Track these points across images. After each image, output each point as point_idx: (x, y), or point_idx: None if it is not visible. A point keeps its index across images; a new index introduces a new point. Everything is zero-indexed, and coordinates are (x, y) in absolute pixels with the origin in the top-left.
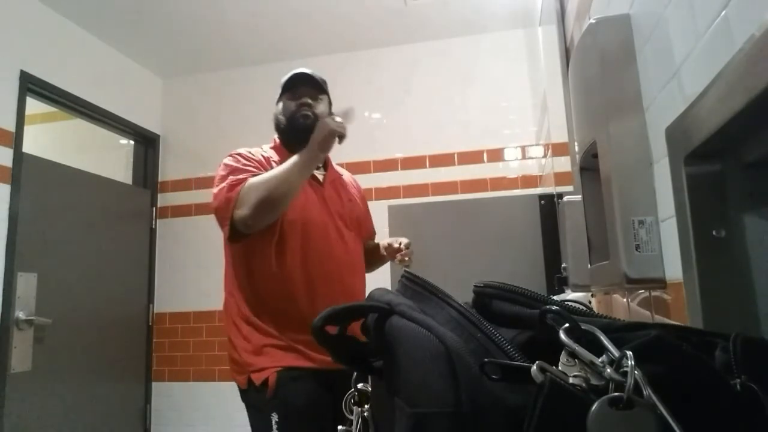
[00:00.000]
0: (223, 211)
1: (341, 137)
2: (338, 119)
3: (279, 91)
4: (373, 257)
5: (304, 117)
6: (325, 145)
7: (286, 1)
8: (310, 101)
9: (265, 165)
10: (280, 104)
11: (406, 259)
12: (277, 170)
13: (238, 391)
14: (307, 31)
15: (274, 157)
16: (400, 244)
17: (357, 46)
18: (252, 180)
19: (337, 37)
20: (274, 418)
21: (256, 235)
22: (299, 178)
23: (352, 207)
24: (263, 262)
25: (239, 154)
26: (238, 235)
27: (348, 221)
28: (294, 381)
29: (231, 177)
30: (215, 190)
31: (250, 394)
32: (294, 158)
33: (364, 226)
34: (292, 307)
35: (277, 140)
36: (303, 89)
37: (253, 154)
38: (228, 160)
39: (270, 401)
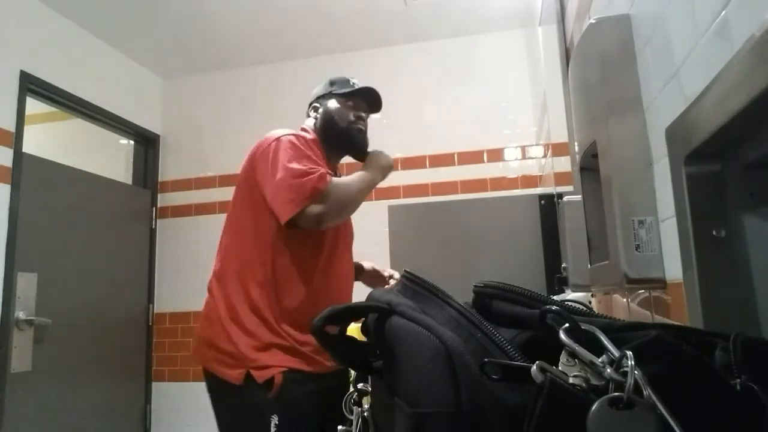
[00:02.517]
0: (301, 196)
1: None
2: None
3: (325, 85)
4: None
5: (359, 132)
6: (386, 175)
7: (286, 2)
8: (365, 117)
9: (322, 160)
10: (333, 104)
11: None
12: (358, 180)
13: (209, 377)
14: (307, 31)
15: (318, 151)
16: (391, 277)
17: (357, 46)
18: (336, 181)
19: (337, 37)
20: (274, 420)
21: (310, 234)
22: (365, 195)
23: (350, 224)
24: (308, 263)
25: (304, 139)
26: (292, 224)
27: (350, 240)
28: (299, 384)
29: (310, 165)
30: (293, 165)
31: (245, 391)
32: (368, 174)
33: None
34: (311, 312)
35: (312, 133)
36: (362, 102)
37: (311, 144)
38: (294, 140)
39: (272, 402)
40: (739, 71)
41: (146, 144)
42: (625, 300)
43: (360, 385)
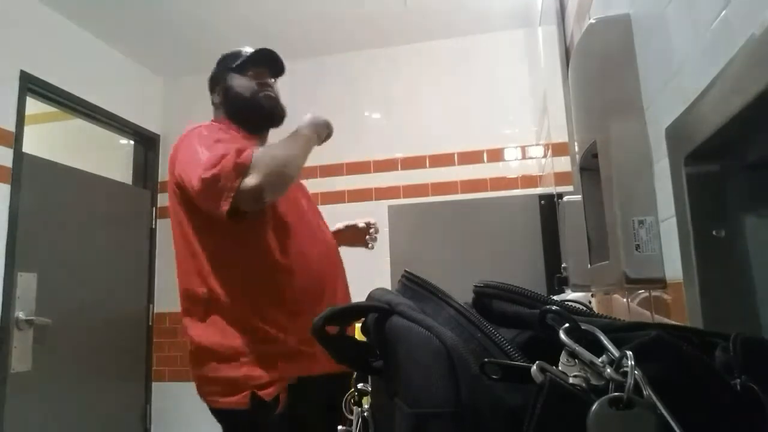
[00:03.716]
0: (227, 179)
1: (329, 135)
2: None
3: (217, 64)
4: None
5: (268, 98)
6: (322, 132)
7: (286, 2)
8: (271, 82)
9: (239, 139)
10: (232, 80)
11: (376, 236)
12: (284, 143)
13: (216, 413)
14: (306, 31)
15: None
16: (368, 224)
17: (357, 46)
18: (260, 149)
19: (337, 37)
20: None
21: (248, 221)
22: (304, 155)
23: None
24: (264, 252)
25: (213, 126)
26: (234, 213)
27: (320, 214)
28: (305, 393)
29: (223, 146)
30: (198, 157)
31: (253, 414)
32: (298, 134)
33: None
34: (305, 300)
35: (223, 120)
36: (261, 69)
37: (224, 130)
38: (202, 131)
39: (279, 418)
40: (739, 71)
41: (146, 144)
42: (625, 300)
43: (360, 385)
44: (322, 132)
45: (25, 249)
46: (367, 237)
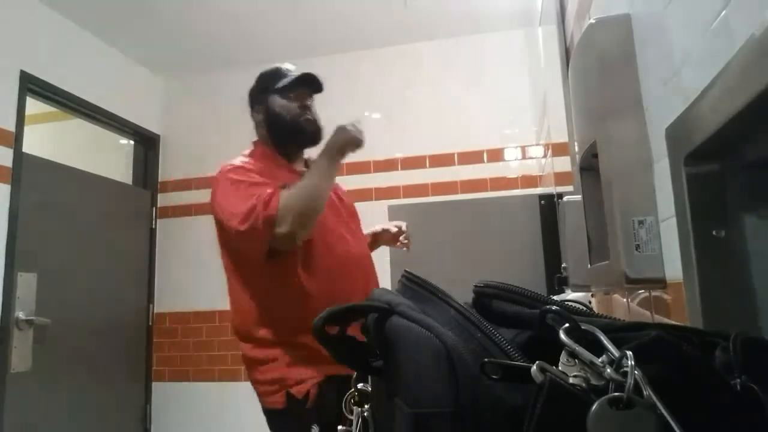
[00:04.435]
0: (261, 232)
1: (359, 145)
2: (358, 125)
3: (258, 82)
4: (370, 245)
5: (308, 123)
6: (345, 152)
7: (286, 3)
8: (310, 104)
9: (268, 175)
10: (274, 102)
11: (407, 241)
12: (308, 181)
13: (264, 412)
14: (306, 31)
15: (261, 162)
16: (400, 228)
17: (357, 46)
18: (284, 193)
19: (337, 37)
20: (315, 430)
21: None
22: (328, 184)
23: (348, 201)
24: (292, 280)
25: (239, 168)
26: (272, 252)
27: (352, 218)
28: (332, 390)
29: (251, 195)
30: (232, 208)
31: (289, 411)
32: (317, 167)
33: (354, 208)
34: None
35: (258, 145)
36: (302, 90)
37: (249, 167)
38: (231, 176)
39: (309, 412)
40: (739, 71)
41: (146, 144)
42: (625, 300)
43: (360, 385)
44: (348, 150)
45: (25, 249)
46: (398, 244)
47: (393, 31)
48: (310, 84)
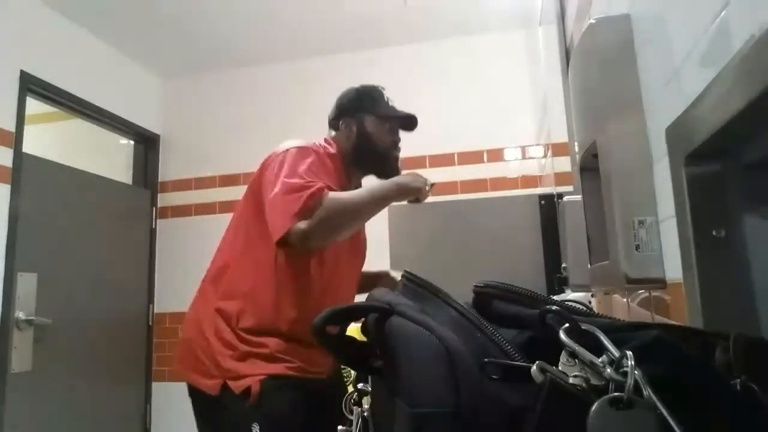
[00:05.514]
0: (291, 212)
1: (418, 201)
2: (429, 184)
3: (358, 97)
4: (367, 283)
5: (395, 159)
6: (404, 197)
7: (286, 2)
8: (399, 141)
9: (332, 176)
10: (371, 125)
11: None
12: (359, 196)
13: (190, 390)
14: (306, 31)
15: (331, 166)
16: None
17: (357, 46)
18: (333, 195)
19: (337, 37)
20: (255, 428)
21: (292, 254)
22: (375, 211)
23: (364, 237)
24: (306, 282)
25: (314, 152)
26: (283, 243)
27: (362, 244)
28: (279, 391)
29: (307, 177)
30: (291, 179)
31: (223, 401)
32: (378, 190)
33: (366, 246)
34: (299, 326)
35: (334, 146)
36: (397, 124)
37: (322, 159)
38: (301, 153)
39: (251, 411)
40: (739, 71)
41: (146, 144)
42: (625, 300)
43: (360, 385)
44: (410, 195)
45: (25, 249)
46: None
47: (393, 31)
48: (408, 123)
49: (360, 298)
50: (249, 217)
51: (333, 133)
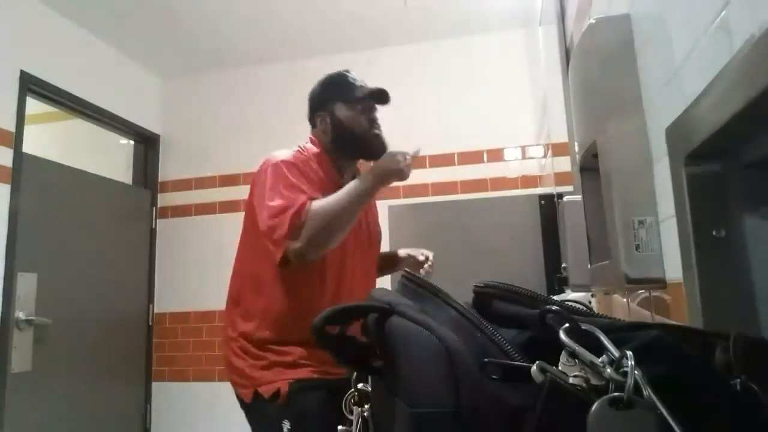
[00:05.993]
0: (281, 236)
1: (403, 179)
2: (409, 158)
3: (325, 87)
4: (386, 265)
5: (376, 138)
6: (388, 182)
7: (286, 2)
8: (377, 117)
9: (316, 183)
10: (343, 112)
11: (431, 271)
12: (340, 201)
13: (238, 399)
14: (306, 31)
15: (315, 164)
16: (426, 258)
17: (357, 46)
18: (316, 207)
19: (337, 37)
20: (286, 425)
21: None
22: (358, 209)
23: (375, 228)
24: (315, 289)
25: (293, 165)
26: (285, 263)
27: (371, 236)
28: (305, 391)
29: (290, 196)
30: (273, 202)
31: (257, 406)
32: (356, 189)
33: (379, 236)
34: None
35: (317, 143)
36: (370, 101)
37: (303, 167)
38: (281, 168)
39: (281, 409)
40: (739, 71)
41: (146, 144)
42: (625, 300)
43: (360, 385)
44: (391, 181)
45: (25, 249)
46: (422, 270)
47: (393, 31)
48: (379, 98)
49: (380, 282)
50: (250, 239)
51: (313, 130)
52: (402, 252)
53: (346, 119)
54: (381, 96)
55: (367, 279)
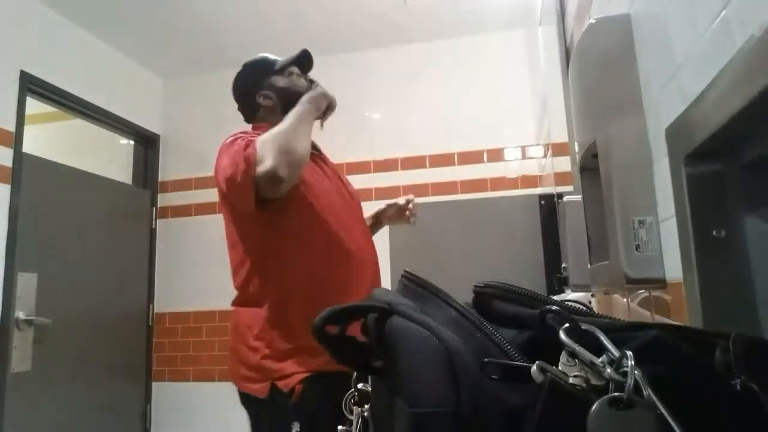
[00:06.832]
0: (244, 174)
1: (331, 106)
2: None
3: (250, 73)
4: (374, 224)
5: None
6: (318, 105)
7: (285, 3)
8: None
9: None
10: (282, 81)
11: (414, 213)
12: (282, 123)
13: (241, 395)
14: (307, 31)
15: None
16: (408, 203)
17: (357, 46)
18: (263, 135)
19: (337, 37)
20: (295, 427)
21: (280, 218)
22: (305, 126)
23: (358, 200)
24: (299, 245)
25: (235, 139)
26: (263, 202)
27: (352, 195)
28: (322, 388)
29: (236, 145)
30: (225, 162)
31: (272, 404)
32: (293, 112)
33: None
34: (337, 292)
35: (265, 127)
36: (297, 68)
37: (250, 138)
38: (228, 140)
39: (293, 408)
40: (739, 71)
41: (146, 144)
42: (625, 300)
43: (360, 385)
44: (321, 103)
45: (25, 249)
46: (407, 213)
47: (393, 31)
48: (306, 61)
49: (380, 282)
50: (235, 240)
51: (254, 122)
52: (380, 206)
53: (288, 84)
54: (306, 56)
55: (372, 246)
